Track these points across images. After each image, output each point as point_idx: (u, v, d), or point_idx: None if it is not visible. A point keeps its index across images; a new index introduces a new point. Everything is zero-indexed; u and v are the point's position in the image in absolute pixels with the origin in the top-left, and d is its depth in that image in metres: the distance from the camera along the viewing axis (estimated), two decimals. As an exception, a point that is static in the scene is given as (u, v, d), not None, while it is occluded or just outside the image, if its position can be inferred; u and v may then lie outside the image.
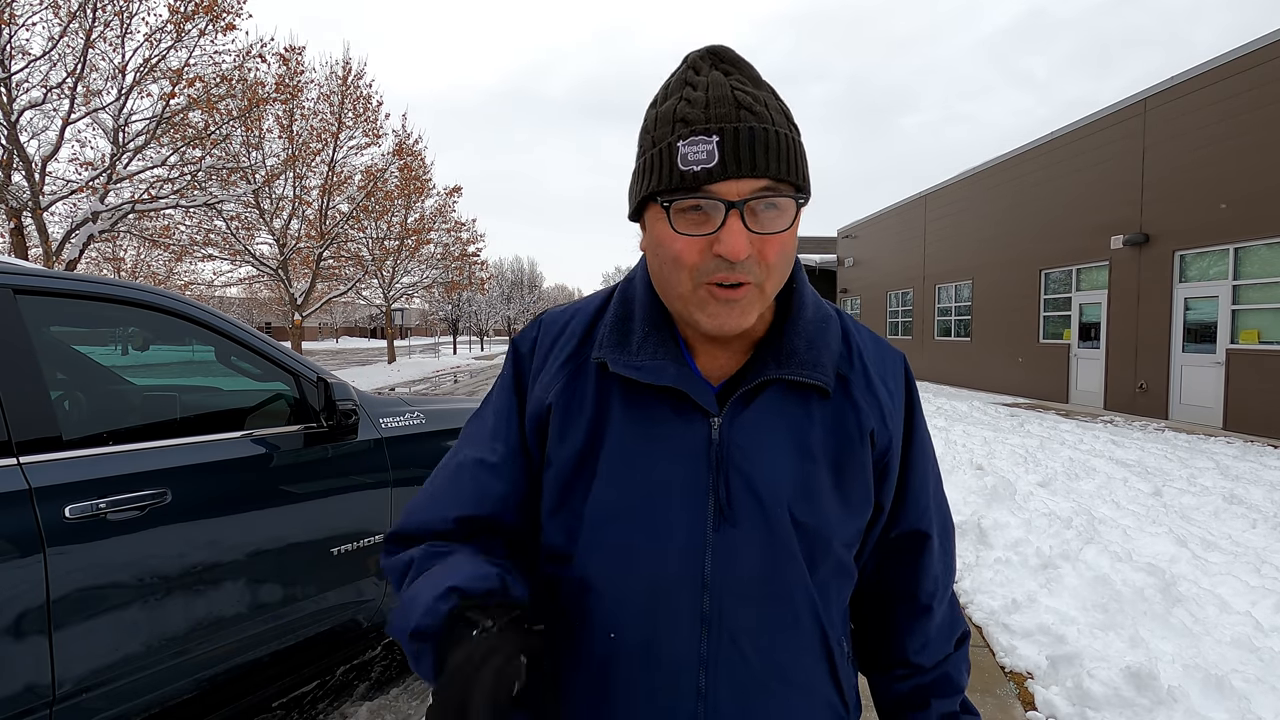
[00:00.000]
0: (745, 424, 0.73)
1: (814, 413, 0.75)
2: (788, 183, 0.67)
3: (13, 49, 11.41)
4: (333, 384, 2.44)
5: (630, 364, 0.73)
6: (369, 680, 3.09)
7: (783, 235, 0.68)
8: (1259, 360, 9.70)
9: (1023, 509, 5.14)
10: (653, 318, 0.76)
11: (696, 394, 0.73)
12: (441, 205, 26.05)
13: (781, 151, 0.66)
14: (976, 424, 10.16)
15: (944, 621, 0.88)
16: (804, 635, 0.75)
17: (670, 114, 0.68)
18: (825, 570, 0.76)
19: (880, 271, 23.34)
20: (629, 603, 0.73)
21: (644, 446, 0.73)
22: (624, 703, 0.73)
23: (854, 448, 0.76)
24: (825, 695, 0.77)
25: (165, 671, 1.93)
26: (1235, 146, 10.02)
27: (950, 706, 0.87)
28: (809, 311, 0.78)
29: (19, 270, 1.88)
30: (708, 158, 0.64)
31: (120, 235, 15.94)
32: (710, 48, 0.70)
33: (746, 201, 0.65)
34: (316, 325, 65.44)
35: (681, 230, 0.67)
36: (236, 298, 39.47)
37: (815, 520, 0.74)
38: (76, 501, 1.74)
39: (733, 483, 0.72)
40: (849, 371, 0.78)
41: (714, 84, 0.67)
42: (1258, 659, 2.92)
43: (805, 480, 0.73)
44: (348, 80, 21.19)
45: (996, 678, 2.89)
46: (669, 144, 0.66)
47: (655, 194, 0.68)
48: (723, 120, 0.65)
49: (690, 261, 0.67)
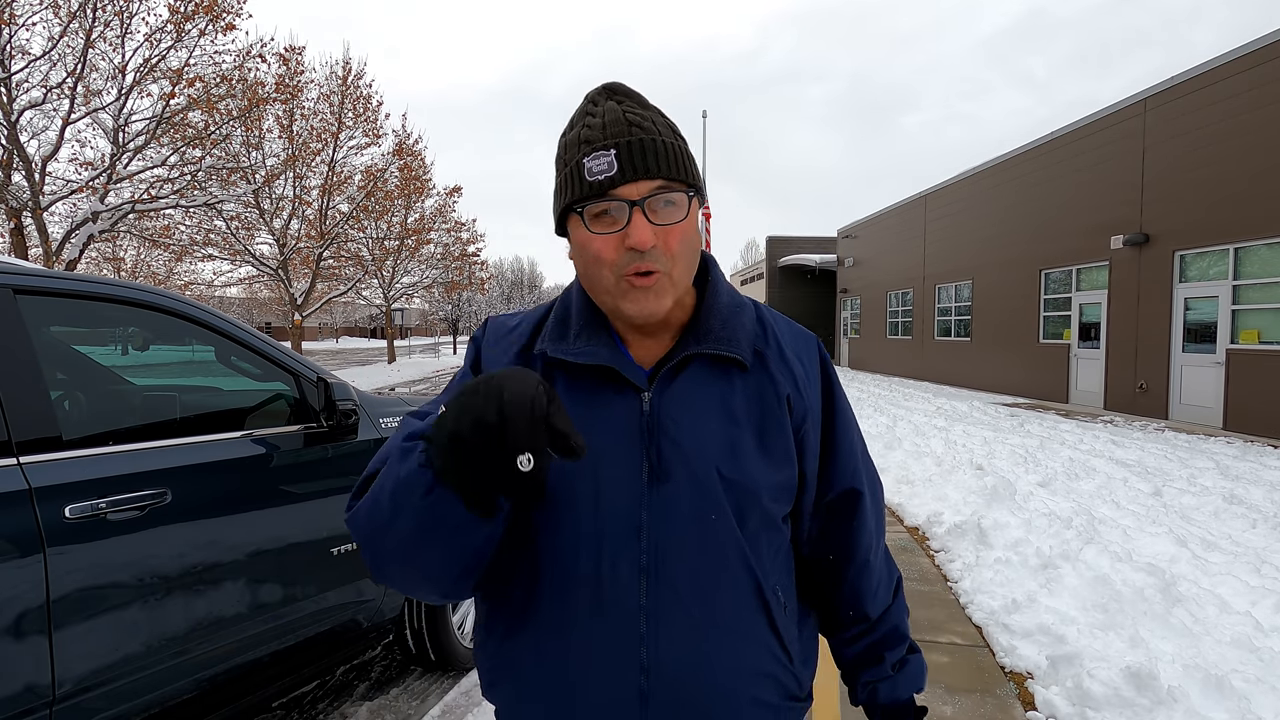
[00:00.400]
0: (672, 395, 0.84)
1: (735, 383, 0.86)
2: (679, 181, 0.80)
3: (13, 49, 11.41)
4: (333, 384, 2.44)
5: (568, 351, 0.85)
6: (369, 680, 3.09)
7: (682, 225, 0.81)
8: (1259, 360, 9.70)
9: (1023, 509, 5.14)
10: (587, 316, 0.88)
11: (627, 371, 0.83)
12: (441, 205, 26.05)
13: (669, 156, 0.80)
14: (976, 424, 10.16)
15: (882, 573, 0.99)
16: (737, 583, 0.83)
17: (576, 139, 0.81)
18: (754, 522, 0.84)
19: (880, 271, 23.33)
20: (578, 558, 0.81)
21: (584, 418, 0.81)
22: (577, 649, 0.81)
23: (774, 411, 0.87)
24: (764, 641, 0.85)
25: (165, 671, 1.92)
26: (1235, 146, 10.02)
27: (900, 654, 0.98)
28: (723, 299, 0.91)
29: (19, 270, 1.88)
30: (609, 167, 0.78)
31: (120, 235, 15.94)
32: (605, 84, 0.85)
33: (646, 199, 0.78)
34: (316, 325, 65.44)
35: (596, 230, 0.80)
36: (236, 298, 39.46)
37: (740, 475, 0.83)
38: (76, 501, 1.74)
39: (663, 446, 0.82)
40: (765, 348, 0.90)
41: (608, 110, 0.81)
42: (1258, 659, 2.92)
43: (730, 441, 0.83)
44: (348, 80, 21.19)
45: (996, 678, 2.89)
46: (577, 162, 0.80)
47: (572, 205, 0.81)
48: (617, 136, 0.79)
49: (609, 257, 0.79)
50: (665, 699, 0.80)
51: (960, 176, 18.08)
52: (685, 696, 0.80)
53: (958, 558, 4.31)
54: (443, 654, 2.92)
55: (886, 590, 1.00)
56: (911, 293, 20.95)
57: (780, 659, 0.87)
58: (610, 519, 0.81)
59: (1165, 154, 11.32)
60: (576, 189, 0.80)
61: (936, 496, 5.67)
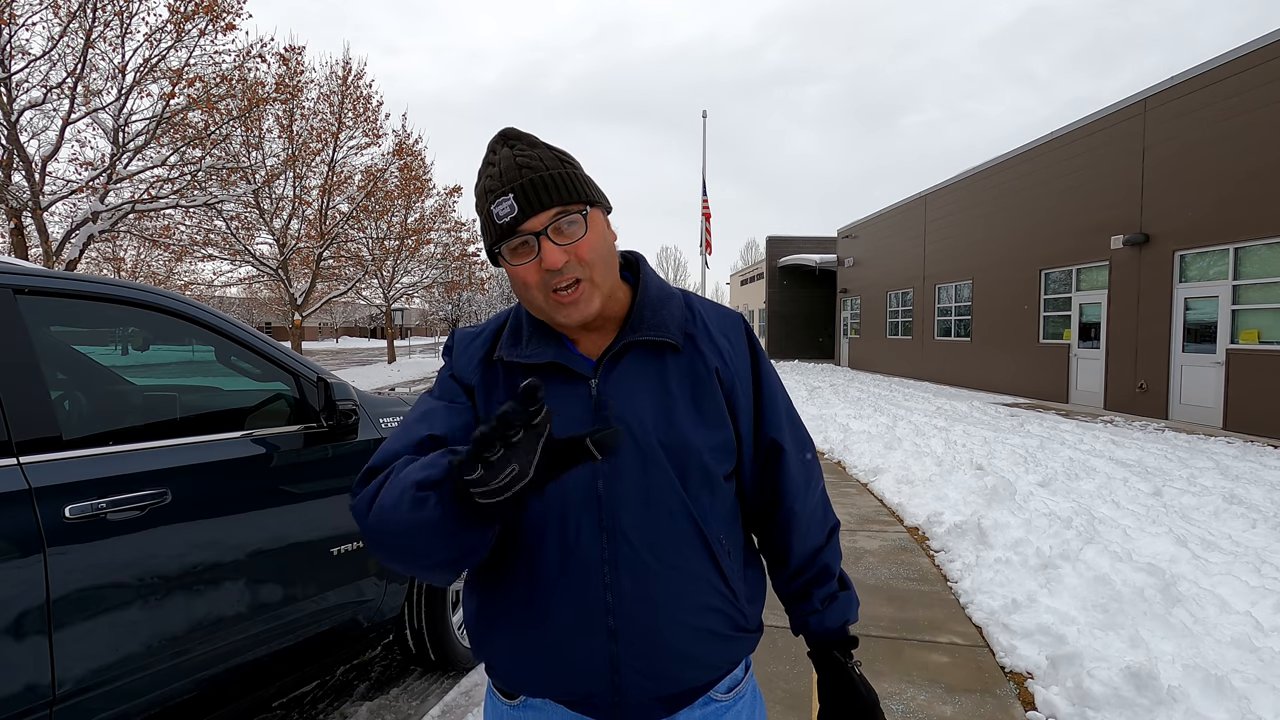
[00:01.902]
0: (615, 378, 0.97)
1: (669, 364, 0.99)
2: (573, 202, 0.93)
3: (13, 49, 11.41)
4: (333, 384, 2.44)
5: (520, 354, 0.99)
6: (369, 680, 3.09)
7: (585, 239, 0.93)
8: (1259, 360, 9.70)
9: (1023, 509, 5.14)
10: (534, 324, 1.01)
11: (573, 364, 0.97)
12: (441, 205, 26.05)
13: (558, 185, 0.92)
14: (976, 424, 10.16)
15: (814, 517, 1.12)
16: (682, 532, 0.96)
17: (483, 189, 0.95)
18: (694, 479, 0.97)
19: (880, 271, 23.33)
20: (547, 522, 0.94)
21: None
22: (554, 599, 0.94)
23: (705, 382, 1.00)
24: (709, 579, 0.98)
25: (165, 671, 1.92)
26: (1235, 146, 10.02)
27: (830, 589, 1.11)
28: (653, 292, 1.04)
29: (19, 270, 1.88)
30: (510, 210, 0.91)
31: (120, 235, 15.94)
32: (500, 132, 0.97)
33: (548, 228, 0.91)
34: (316, 325, 65.41)
35: (517, 262, 0.93)
36: (236, 298, 39.45)
37: (675, 439, 0.96)
38: (76, 501, 1.74)
39: (610, 420, 0.94)
40: (694, 330, 1.03)
41: (504, 159, 0.94)
42: (1258, 659, 2.92)
43: (667, 411, 0.96)
44: (348, 80, 21.19)
45: (996, 678, 2.89)
46: (487, 210, 0.93)
47: (492, 247, 0.95)
48: (512, 181, 0.91)
49: (533, 280, 0.93)
50: (630, 635, 0.94)
51: (960, 176, 18.08)
52: (645, 630, 0.94)
53: (958, 558, 4.31)
54: (443, 654, 2.92)
55: (819, 532, 1.12)
56: (911, 293, 20.95)
57: (726, 595, 1.00)
58: (572, 488, 0.93)
59: (1165, 154, 11.32)
60: (492, 232, 0.93)
61: (936, 496, 5.67)
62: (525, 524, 0.95)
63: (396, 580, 2.70)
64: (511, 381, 0.99)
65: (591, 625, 0.94)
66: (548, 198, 0.91)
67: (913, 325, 20.80)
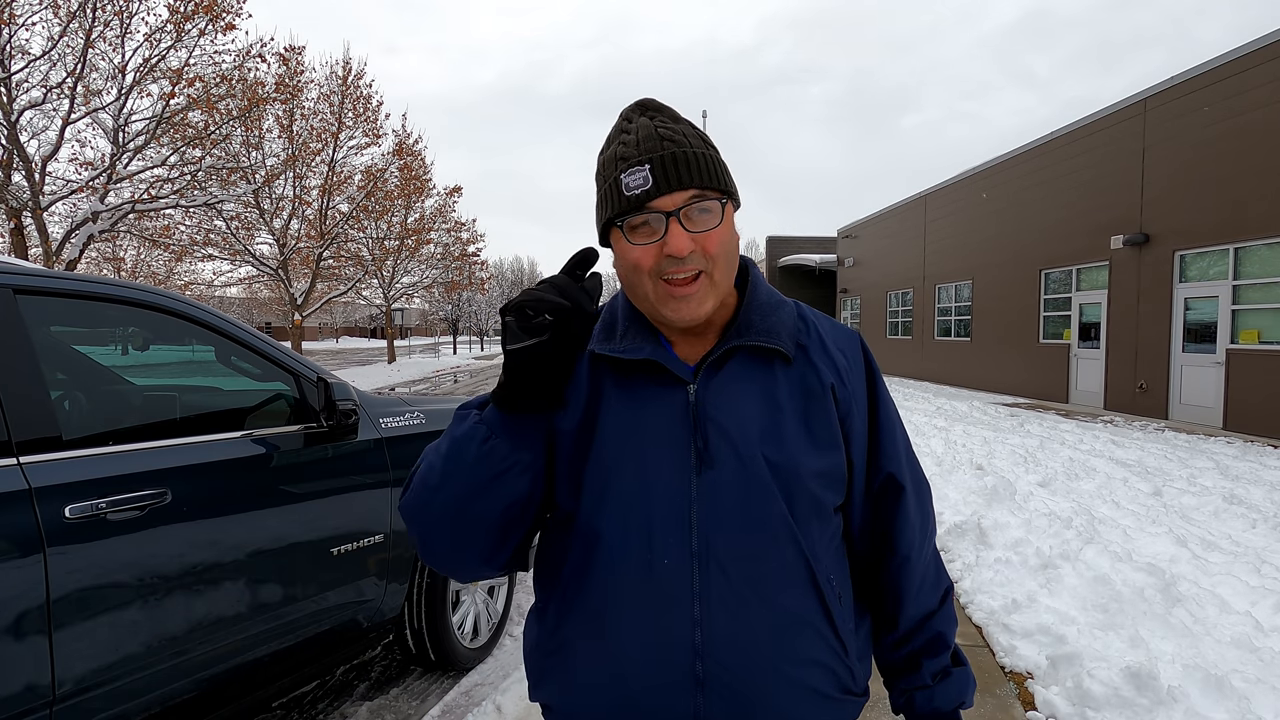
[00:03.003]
0: (717, 385, 0.87)
1: (778, 374, 0.89)
2: (712, 189, 0.84)
3: (13, 49, 11.41)
4: (333, 384, 2.44)
5: (614, 348, 0.88)
6: (369, 680, 3.09)
7: (717, 230, 0.84)
8: (1259, 360, 9.69)
9: (1023, 509, 5.14)
10: (632, 318, 0.91)
11: (672, 365, 0.87)
12: (441, 205, 26.04)
13: (701, 167, 0.84)
14: (976, 424, 10.16)
15: (927, 574, 0.98)
16: (789, 566, 0.84)
17: (613, 156, 0.86)
18: (802, 507, 0.85)
19: (880, 271, 23.32)
20: (629, 546, 0.83)
21: (632, 412, 0.87)
22: (629, 634, 0.83)
23: (818, 398, 0.89)
24: (818, 627, 0.85)
25: (165, 671, 1.92)
26: (1235, 146, 10.01)
27: (941, 664, 0.97)
28: (763, 296, 0.94)
29: (19, 270, 1.88)
30: (644, 182, 0.82)
31: (120, 235, 15.94)
32: (639, 101, 0.90)
33: (680, 209, 0.82)
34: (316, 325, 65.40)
35: (636, 241, 0.84)
36: (236, 298, 39.43)
37: (785, 458, 0.84)
38: (76, 501, 1.74)
39: (709, 432, 0.84)
40: (806, 341, 0.93)
41: (641, 127, 0.85)
42: (1258, 659, 2.92)
43: (774, 426, 0.86)
44: (348, 80, 21.19)
45: (996, 678, 2.89)
46: (615, 179, 0.84)
47: (612, 219, 0.85)
48: (651, 152, 0.83)
49: (648, 265, 0.83)
50: (720, 683, 0.81)
51: (960, 176, 18.08)
52: (740, 680, 0.81)
53: (958, 558, 4.31)
54: (442, 654, 2.92)
55: (932, 594, 0.98)
56: (911, 293, 20.94)
57: (835, 649, 0.87)
58: (660, 506, 0.83)
59: (1165, 154, 11.32)
60: (616, 204, 0.84)
61: (936, 496, 5.66)
62: (601, 541, 0.84)
63: (396, 580, 2.70)
64: (600, 379, 0.89)
65: (674, 669, 0.81)
66: (688, 176, 0.82)
67: (913, 325, 20.79)
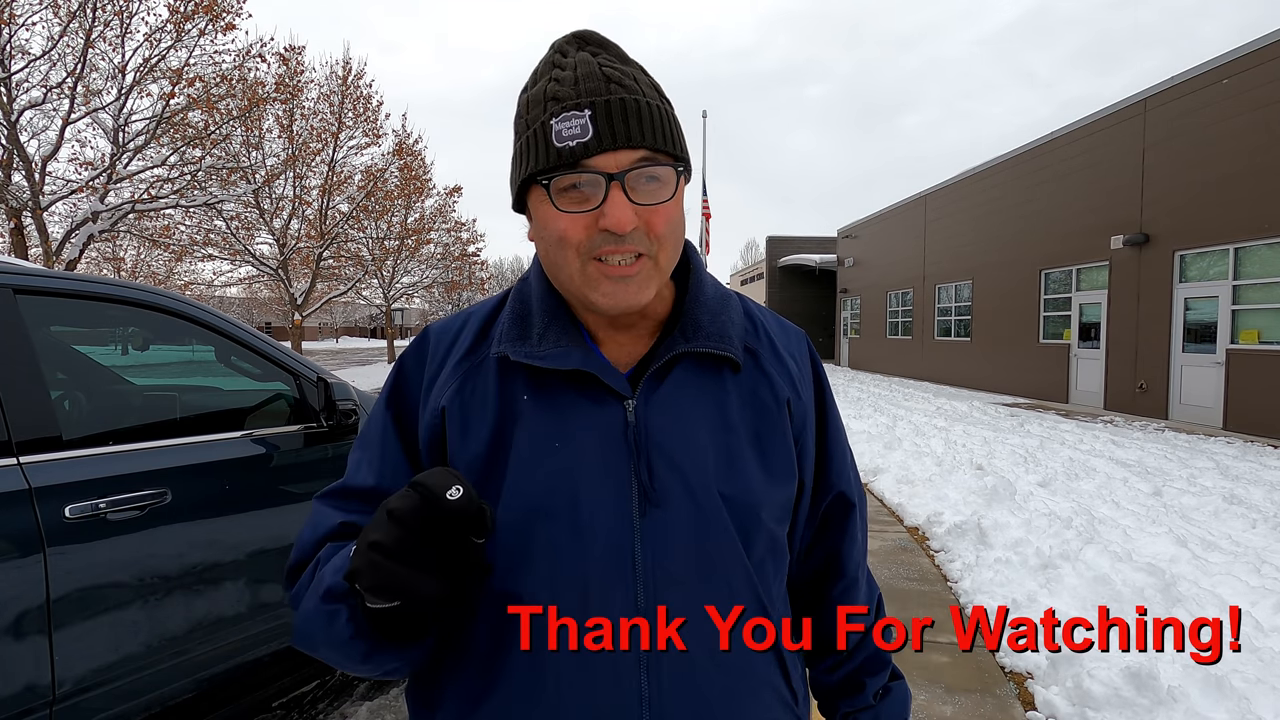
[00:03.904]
0: (660, 401, 0.71)
1: (728, 385, 0.74)
2: (665, 153, 0.67)
3: (13, 49, 11.40)
4: (333, 384, 2.44)
5: (533, 354, 0.70)
6: (369, 680, 3.09)
7: (667, 205, 0.68)
8: (1259, 360, 9.69)
9: (1023, 509, 5.14)
10: (551, 309, 0.74)
11: (606, 376, 0.70)
12: (441, 205, 26.03)
13: (655, 121, 0.66)
14: (976, 424, 10.16)
15: (868, 590, 0.90)
16: (745, 618, 0.72)
17: (541, 95, 0.67)
18: (760, 547, 0.73)
19: (880, 271, 23.32)
20: (560, 608, 0.67)
21: (556, 436, 0.69)
22: (561, 708, 0.67)
23: (773, 416, 0.75)
24: (773, 684, 0.74)
25: (165, 671, 1.92)
26: (1235, 146, 10.01)
27: (882, 679, 0.87)
28: (708, 290, 0.78)
29: (19, 270, 1.88)
30: (581, 131, 0.64)
31: (120, 235, 15.94)
32: (576, 32, 0.71)
33: (626, 173, 0.65)
34: (316, 325, 65.40)
35: (564, 208, 0.66)
36: (236, 298, 39.43)
37: (740, 492, 0.71)
38: (76, 501, 1.74)
39: (655, 463, 0.69)
40: (757, 345, 0.78)
41: (581, 63, 0.67)
42: (1258, 659, 2.92)
43: (728, 452, 0.71)
44: (348, 80, 21.18)
45: (996, 678, 2.89)
46: (542, 123, 0.66)
47: (534, 175, 0.67)
48: (593, 94, 0.65)
49: (576, 239, 0.66)
50: None
51: (960, 176, 18.08)
52: None
53: (958, 558, 4.31)
54: (443, 654, 2.92)
55: (875, 609, 0.90)
56: (911, 293, 20.94)
57: (789, 702, 0.76)
58: (597, 556, 0.67)
59: (1165, 154, 11.32)
60: (541, 156, 0.66)
61: (936, 496, 5.66)
62: (527, 599, 0.68)
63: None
64: (512, 390, 0.72)
65: None
66: (638, 131, 0.65)
67: (913, 325, 20.79)
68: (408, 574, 0.56)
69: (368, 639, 0.63)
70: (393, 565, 0.55)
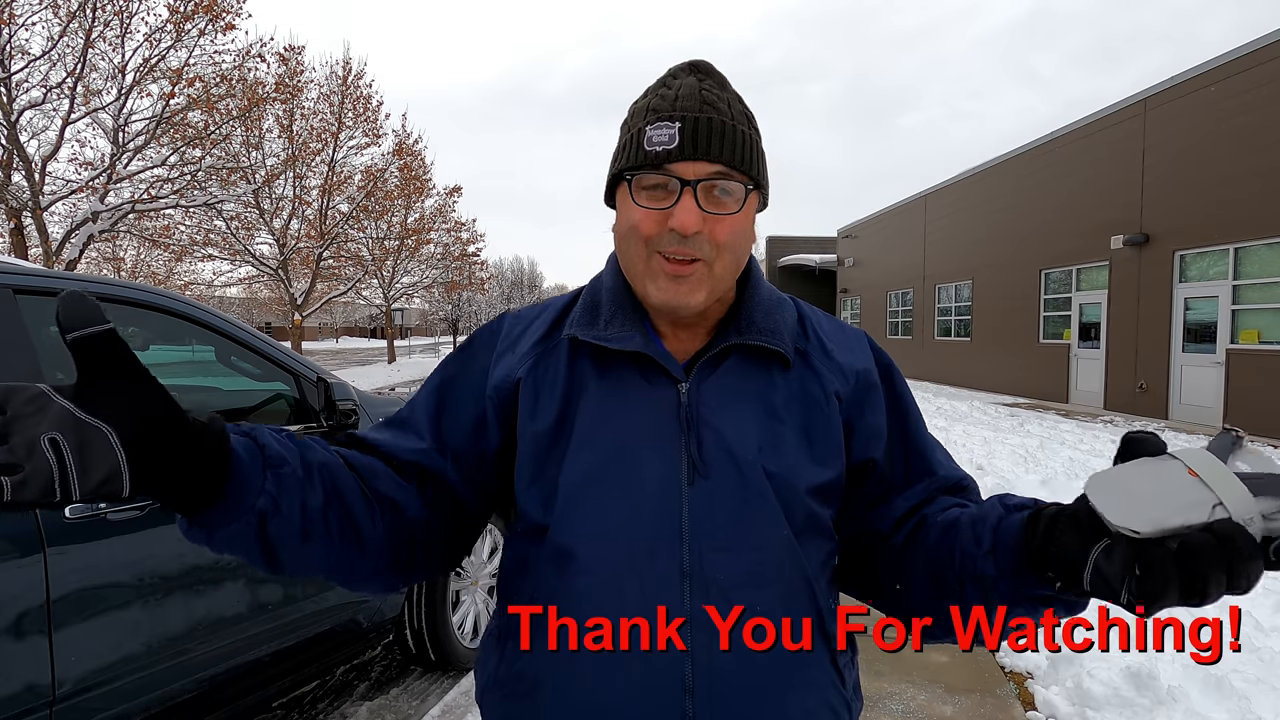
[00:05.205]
0: (712, 385, 0.78)
1: (776, 380, 0.79)
2: (741, 171, 0.75)
3: (13, 49, 11.40)
4: (333, 384, 2.44)
5: (599, 335, 0.78)
6: (369, 680, 3.09)
7: (733, 217, 0.75)
8: (1259, 360, 9.69)
9: (1023, 509, 5.13)
10: (620, 301, 0.81)
11: (664, 360, 0.77)
12: (441, 205, 26.03)
13: (736, 142, 0.74)
14: (976, 424, 10.16)
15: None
16: (791, 589, 0.75)
17: (644, 106, 0.77)
18: (800, 523, 0.76)
19: (880, 271, 23.32)
20: (609, 566, 0.73)
21: (616, 411, 0.77)
22: (607, 667, 0.72)
23: (820, 409, 0.79)
24: (820, 665, 0.76)
25: (165, 671, 1.92)
26: (1235, 146, 10.01)
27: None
28: (764, 293, 0.85)
29: (19, 270, 1.88)
30: (669, 140, 0.73)
31: (120, 235, 15.93)
32: (691, 61, 0.80)
33: (701, 181, 0.73)
34: (316, 325, 65.41)
35: (641, 203, 0.75)
36: (236, 298, 39.43)
37: (784, 470, 0.75)
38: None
39: (704, 437, 0.75)
40: (806, 346, 0.84)
41: (685, 85, 0.76)
42: (1258, 659, 2.92)
43: (774, 436, 0.76)
44: (348, 80, 21.18)
45: (996, 678, 2.89)
46: (639, 129, 0.75)
47: (624, 172, 0.76)
48: (686, 110, 0.74)
49: (646, 231, 0.74)
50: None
51: (960, 176, 18.08)
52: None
53: (958, 558, 4.31)
54: (443, 654, 2.92)
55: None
56: (911, 293, 20.94)
57: (835, 681, 0.78)
58: (647, 519, 0.73)
59: (1165, 154, 11.32)
60: (632, 156, 0.75)
61: (936, 496, 5.66)
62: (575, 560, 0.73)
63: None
64: (580, 369, 0.80)
65: (660, 709, 0.71)
66: (719, 147, 0.73)
67: (913, 325, 20.79)
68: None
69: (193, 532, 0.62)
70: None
